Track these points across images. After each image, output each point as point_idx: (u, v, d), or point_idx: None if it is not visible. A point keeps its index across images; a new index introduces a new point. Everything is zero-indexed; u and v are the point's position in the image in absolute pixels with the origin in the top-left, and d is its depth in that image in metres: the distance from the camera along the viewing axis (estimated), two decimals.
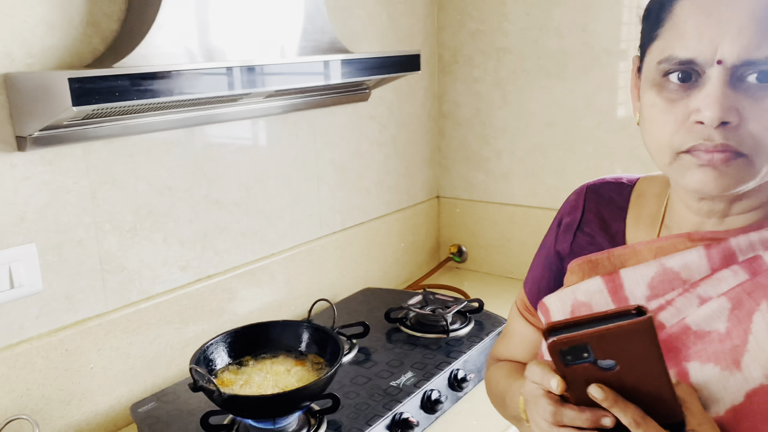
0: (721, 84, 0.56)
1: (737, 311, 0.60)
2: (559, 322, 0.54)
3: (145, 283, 1.20)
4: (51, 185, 1.04)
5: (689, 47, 0.57)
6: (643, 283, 0.66)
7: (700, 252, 0.64)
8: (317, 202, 1.53)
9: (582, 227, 0.75)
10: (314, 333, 1.10)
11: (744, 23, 0.55)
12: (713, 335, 0.60)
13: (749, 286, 0.60)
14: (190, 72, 0.96)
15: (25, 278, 1.02)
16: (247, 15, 1.16)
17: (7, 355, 1.01)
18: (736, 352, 0.59)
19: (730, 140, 0.57)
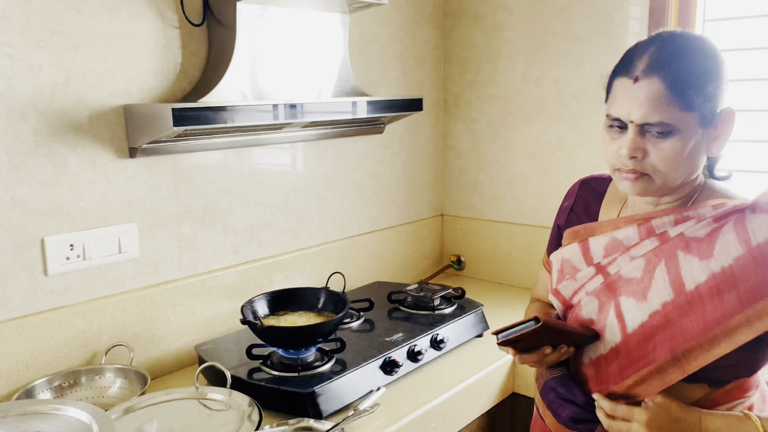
0: (633, 134, 0.92)
1: (648, 266, 0.95)
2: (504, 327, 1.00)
3: (208, 260, 1.62)
4: (149, 183, 1.48)
5: (618, 111, 0.94)
6: (601, 247, 1.03)
7: (634, 228, 0.99)
8: (340, 210, 1.95)
9: (573, 209, 1.14)
10: (329, 295, 1.51)
11: (642, 101, 0.91)
12: (634, 280, 0.96)
13: (657, 250, 0.95)
14: (249, 107, 1.39)
15: (128, 247, 1.46)
16: (291, 68, 1.61)
17: (113, 300, 1.43)
18: (644, 291, 0.94)
19: (637, 167, 0.93)
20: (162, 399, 1.23)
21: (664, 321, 0.92)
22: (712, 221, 0.92)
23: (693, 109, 0.89)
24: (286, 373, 1.35)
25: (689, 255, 0.91)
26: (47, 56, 1.29)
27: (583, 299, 1.04)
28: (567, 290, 1.07)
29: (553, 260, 1.11)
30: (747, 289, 0.86)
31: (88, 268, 1.39)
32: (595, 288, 1.02)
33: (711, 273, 0.89)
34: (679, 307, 0.90)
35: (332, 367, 1.38)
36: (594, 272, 1.03)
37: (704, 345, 0.89)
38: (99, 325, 1.41)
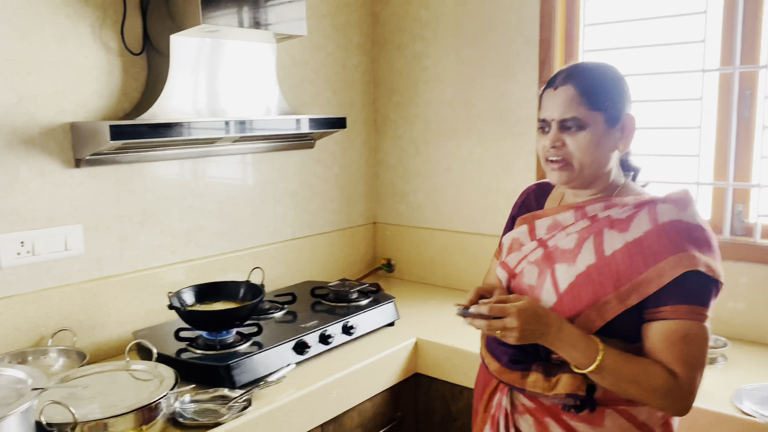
0: (555, 129, 1.17)
1: (580, 239, 1.19)
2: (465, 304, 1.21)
3: (147, 258, 1.84)
4: (93, 190, 1.70)
5: (544, 114, 1.19)
6: (544, 227, 1.26)
7: (571, 212, 1.23)
8: (273, 216, 2.18)
9: (524, 202, 1.39)
10: (248, 287, 1.74)
11: (560, 103, 1.16)
12: (567, 250, 1.20)
13: (588, 228, 1.19)
14: (181, 123, 1.62)
15: (74, 245, 1.67)
16: (223, 90, 1.85)
17: (60, 291, 1.65)
18: (574, 257, 1.18)
19: (558, 155, 1.18)
20: (95, 370, 1.44)
21: (587, 279, 1.15)
22: (632, 207, 1.17)
23: (599, 109, 1.15)
24: (208, 351, 1.57)
25: (612, 230, 1.16)
26: (2, 80, 1.52)
27: (525, 268, 1.25)
28: (513, 261, 1.29)
29: (504, 241, 1.34)
30: (651, 252, 1.10)
31: (37, 263, 1.60)
32: (536, 258, 1.24)
33: (625, 242, 1.14)
34: (599, 267, 1.14)
35: (248, 347, 1.60)
36: (536, 245, 1.26)
37: (618, 297, 1.12)
38: (46, 312, 1.62)
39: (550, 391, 1.16)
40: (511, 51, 2.13)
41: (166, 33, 1.71)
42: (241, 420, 1.38)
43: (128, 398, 1.31)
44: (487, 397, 1.30)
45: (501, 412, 1.25)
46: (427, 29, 2.32)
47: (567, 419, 1.18)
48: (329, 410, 1.59)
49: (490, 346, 1.29)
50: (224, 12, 1.65)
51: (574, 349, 1.12)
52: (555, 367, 1.17)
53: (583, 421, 1.17)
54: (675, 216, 1.12)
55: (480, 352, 1.34)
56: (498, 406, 1.26)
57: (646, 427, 1.16)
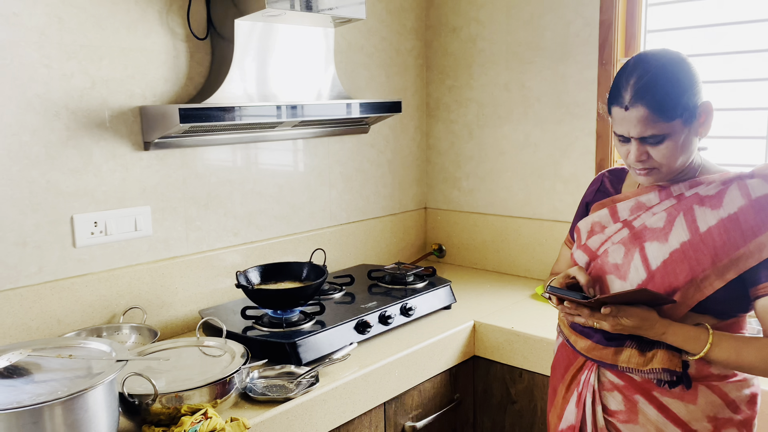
0: (636, 145, 1.17)
1: (669, 217, 1.19)
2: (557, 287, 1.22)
3: (211, 239, 1.88)
4: (161, 172, 1.75)
5: (620, 130, 1.19)
6: (627, 209, 1.27)
7: (655, 193, 1.24)
8: (329, 201, 2.21)
9: (600, 189, 1.39)
10: (311, 267, 1.77)
11: (635, 123, 1.15)
12: (656, 229, 1.20)
13: (677, 205, 1.19)
14: (246, 107, 1.66)
15: (143, 226, 1.72)
16: (284, 74, 1.87)
17: (130, 270, 1.70)
18: (666, 235, 1.18)
19: (645, 165, 1.19)
20: (169, 346, 1.49)
21: (683, 256, 1.15)
22: (719, 184, 1.17)
23: (675, 118, 1.14)
24: (274, 329, 1.61)
25: (703, 207, 1.16)
26: (77, 66, 1.57)
27: (609, 248, 1.25)
28: (595, 243, 1.28)
29: (582, 226, 1.33)
30: (748, 227, 1.11)
31: (109, 242, 1.66)
32: (621, 238, 1.24)
33: (720, 218, 1.14)
34: (695, 244, 1.15)
35: (312, 326, 1.63)
36: (621, 226, 1.25)
37: (716, 272, 1.12)
38: (118, 291, 1.67)
39: (644, 366, 1.16)
40: (569, 32, 2.10)
41: (230, 18, 1.74)
42: (309, 395, 1.41)
43: (202, 373, 1.35)
44: (571, 376, 1.30)
45: (588, 390, 1.26)
46: (482, 11, 2.31)
47: (658, 395, 1.19)
48: (391, 389, 1.61)
49: (576, 325, 1.29)
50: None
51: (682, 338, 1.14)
52: (650, 342, 1.17)
53: (675, 397, 1.18)
54: (767, 189, 1.13)
55: (561, 331, 1.35)
56: (586, 384, 1.27)
57: (734, 404, 1.17)
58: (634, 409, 1.21)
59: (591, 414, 1.25)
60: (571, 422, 1.29)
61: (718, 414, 1.17)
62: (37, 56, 1.50)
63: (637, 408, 1.20)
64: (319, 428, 1.44)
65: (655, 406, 1.19)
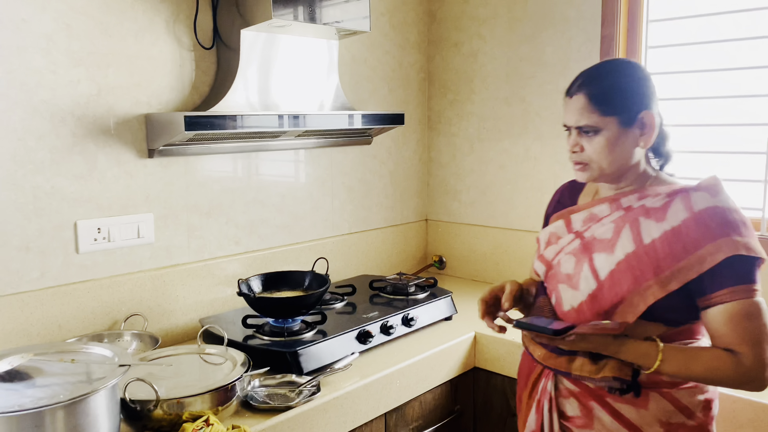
0: (574, 135, 1.23)
1: (616, 228, 1.23)
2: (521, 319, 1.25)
3: (213, 248, 1.88)
4: (164, 180, 1.76)
5: (564, 120, 1.26)
6: (580, 220, 1.31)
7: (606, 204, 1.28)
8: (331, 211, 2.21)
9: (560, 200, 1.43)
10: (313, 276, 1.77)
11: (573, 111, 1.22)
12: (605, 240, 1.24)
13: (624, 217, 1.23)
14: (250, 116, 1.67)
15: (145, 233, 1.73)
16: (289, 85, 1.89)
17: (132, 277, 1.70)
18: (612, 246, 1.22)
19: (578, 159, 1.24)
20: (170, 353, 1.48)
21: (627, 266, 1.19)
22: (665, 196, 1.20)
23: (611, 114, 1.20)
24: (275, 338, 1.60)
25: (648, 219, 1.19)
26: (84, 72, 1.58)
27: (562, 258, 1.29)
28: (550, 253, 1.33)
29: (541, 237, 1.39)
30: (690, 240, 1.14)
31: (111, 249, 1.66)
32: (573, 248, 1.28)
33: (663, 231, 1.17)
34: (638, 255, 1.18)
35: (314, 335, 1.63)
36: (573, 237, 1.30)
37: (659, 283, 1.15)
38: (119, 298, 1.67)
39: (596, 375, 1.20)
40: (571, 47, 2.13)
41: (236, 28, 1.76)
42: (310, 405, 1.40)
43: (203, 380, 1.34)
44: (532, 383, 1.34)
45: (546, 397, 1.30)
46: (484, 27, 2.33)
47: (611, 402, 1.22)
48: (392, 399, 1.61)
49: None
50: (294, 7, 1.69)
51: (634, 356, 1.17)
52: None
53: (627, 403, 1.21)
54: (710, 203, 1.16)
55: (522, 341, 1.40)
56: (543, 391, 1.30)
57: (688, 410, 1.20)
58: (589, 415, 1.24)
59: (548, 420, 1.29)
60: (532, 428, 1.33)
61: (670, 419, 1.20)
62: (44, 62, 1.51)
63: (592, 414, 1.24)
64: None
65: (608, 412, 1.22)
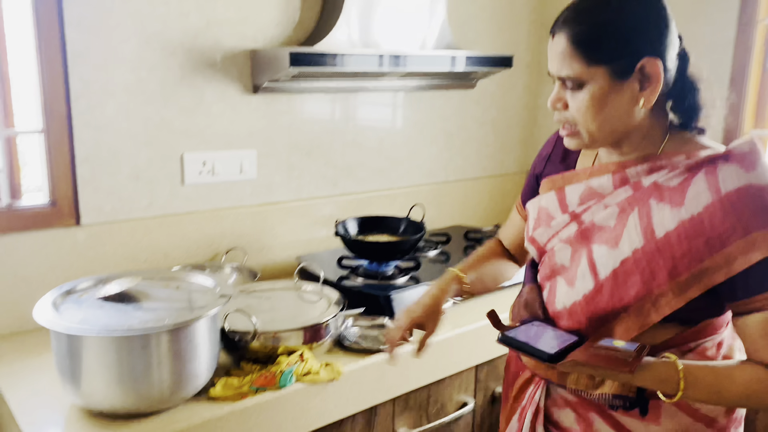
0: (557, 86, 0.96)
1: (621, 214, 0.97)
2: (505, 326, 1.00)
3: (311, 188, 1.88)
4: (267, 117, 1.76)
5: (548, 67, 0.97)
6: (576, 195, 1.03)
7: (608, 177, 0.99)
8: (428, 157, 2.15)
9: (551, 157, 1.15)
10: (409, 223, 1.73)
11: (553, 56, 0.94)
12: (607, 228, 0.98)
13: (631, 199, 0.96)
14: (355, 55, 1.62)
15: (247, 169, 1.75)
16: (395, 22, 1.82)
17: (233, 212, 1.73)
18: (617, 238, 0.96)
19: (561, 118, 0.96)
20: (268, 287, 1.51)
21: (635, 267, 0.93)
22: (684, 170, 0.93)
23: (597, 63, 0.90)
24: (369, 281, 1.59)
25: (661, 203, 0.93)
26: (194, 5, 1.58)
27: (556, 246, 1.05)
28: (542, 237, 1.08)
29: (530, 209, 1.12)
30: (715, 234, 0.88)
31: (215, 183, 1.70)
32: (569, 236, 1.03)
33: (680, 221, 0.90)
34: (649, 253, 0.92)
35: (407, 281, 1.61)
36: (568, 220, 1.03)
37: (675, 289, 0.91)
38: (221, 230, 1.71)
39: (594, 390, 1.00)
40: None
41: None
42: (402, 350, 1.38)
43: (298, 316, 1.36)
44: (519, 388, 1.15)
45: (531, 407, 1.10)
46: None
47: (615, 415, 1.02)
48: (485, 352, 1.57)
49: None
50: None
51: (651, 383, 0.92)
52: None
53: (635, 417, 1.00)
54: (742, 181, 0.88)
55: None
56: (530, 400, 1.10)
57: (708, 418, 1.00)
58: (589, 429, 1.04)
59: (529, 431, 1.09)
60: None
61: (688, 431, 1.00)
62: None
63: (592, 428, 1.04)
64: (411, 383, 1.42)
65: (611, 425, 1.02)
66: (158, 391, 1.08)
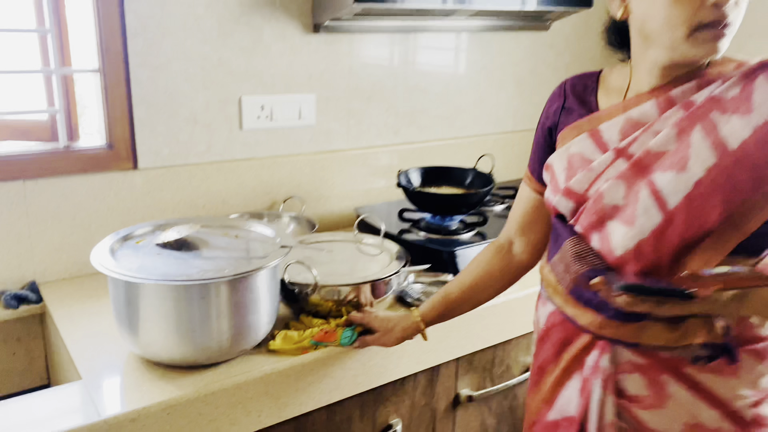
0: None
1: (681, 134, 0.88)
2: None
3: (371, 136, 1.79)
4: (328, 59, 1.66)
5: None
6: (616, 131, 0.93)
7: (652, 103, 0.91)
8: (496, 104, 2.02)
9: (565, 107, 1.02)
10: (476, 175, 1.63)
11: None
12: (667, 153, 0.88)
13: (686, 118, 0.88)
14: None
15: (306, 114, 1.67)
16: None
17: (291, 159, 1.67)
18: (683, 161, 0.87)
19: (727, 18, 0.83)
20: (327, 239, 1.45)
21: (712, 186, 0.85)
22: (741, 79, 0.86)
23: None
24: (431, 235, 1.51)
25: (726, 115, 0.86)
26: None
27: (602, 187, 0.92)
28: (581, 183, 0.95)
29: (555, 162, 1.00)
30: None
31: (273, 128, 1.63)
32: (619, 172, 0.91)
33: (755, 126, 0.84)
34: (726, 167, 0.85)
35: (473, 237, 1.52)
36: (613, 157, 0.92)
37: (760, 200, 0.85)
38: (279, 178, 1.65)
39: (677, 342, 0.91)
40: None
41: None
42: None
43: (359, 270, 1.29)
44: (572, 357, 1.01)
45: (597, 375, 0.97)
46: None
47: (691, 373, 0.92)
48: None
49: (582, 294, 0.98)
50: None
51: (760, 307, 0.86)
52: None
53: (712, 373, 0.92)
54: None
55: (550, 298, 1.05)
56: (595, 369, 0.97)
57: None
58: (661, 393, 0.94)
59: (599, 405, 0.97)
60: (569, 413, 1.01)
61: (762, 383, 0.92)
62: None
63: (664, 391, 0.94)
64: (476, 343, 1.35)
65: (687, 387, 0.93)
66: (217, 342, 1.04)
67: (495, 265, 1.17)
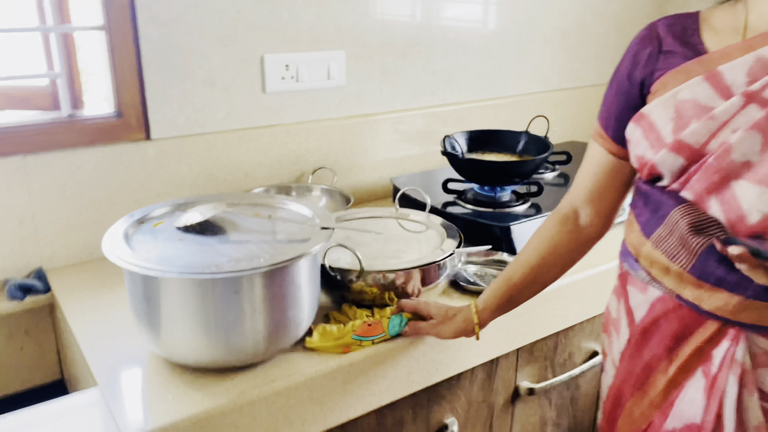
0: None
1: None
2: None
3: (406, 97, 1.62)
4: (357, 10, 1.47)
5: None
6: (742, 72, 0.77)
7: None
8: (540, 60, 1.83)
9: (662, 50, 0.85)
10: (530, 138, 1.45)
11: None
12: None
13: None
14: None
15: (336, 74, 1.49)
16: None
17: (320, 125, 1.49)
18: None
19: None
20: (367, 215, 1.29)
21: None
22: None
23: None
24: (480, 208, 1.35)
25: None
26: None
27: (730, 138, 0.77)
28: (699, 135, 0.78)
29: (654, 111, 0.83)
30: None
31: (299, 90, 1.45)
32: (753, 120, 0.75)
33: None
34: None
35: (527, 209, 1.35)
36: (742, 102, 0.76)
37: None
38: (306, 147, 1.49)
39: None
40: None
41: None
42: None
43: (406, 250, 1.13)
44: (692, 350, 0.84)
45: (733, 370, 0.80)
46: None
47: None
48: None
49: (706, 270, 0.80)
50: None
51: None
52: None
53: None
54: None
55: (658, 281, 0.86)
56: (727, 362, 0.81)
57: None
58: None
59: (734, 405, 0.80)
60: (691, 419, 0.84)
61: None
62: None
63: None
64: (537, 331, 1.20)
65: None
66: (252, 342, 0.90)
67: (561, 239, 1.01)
